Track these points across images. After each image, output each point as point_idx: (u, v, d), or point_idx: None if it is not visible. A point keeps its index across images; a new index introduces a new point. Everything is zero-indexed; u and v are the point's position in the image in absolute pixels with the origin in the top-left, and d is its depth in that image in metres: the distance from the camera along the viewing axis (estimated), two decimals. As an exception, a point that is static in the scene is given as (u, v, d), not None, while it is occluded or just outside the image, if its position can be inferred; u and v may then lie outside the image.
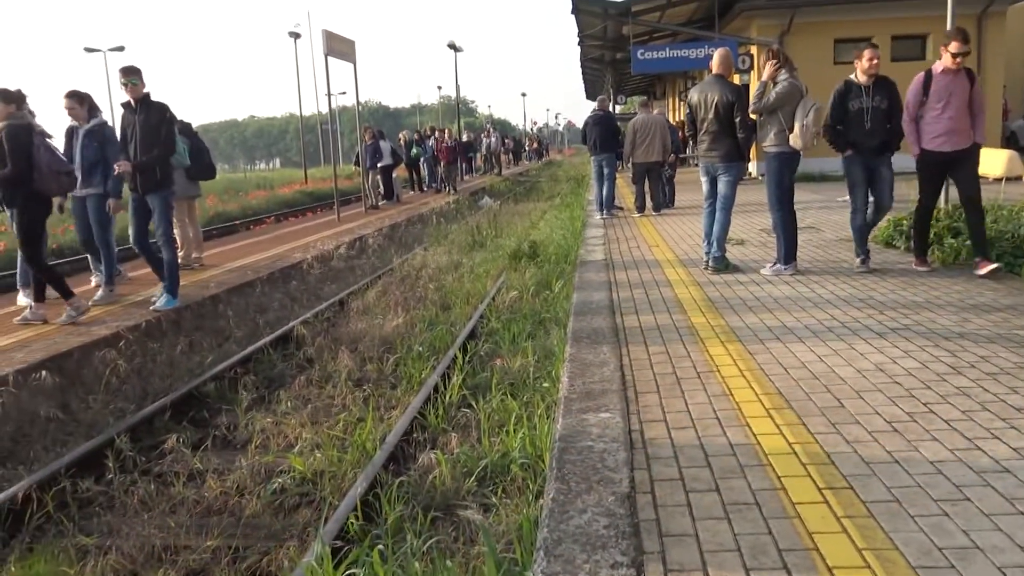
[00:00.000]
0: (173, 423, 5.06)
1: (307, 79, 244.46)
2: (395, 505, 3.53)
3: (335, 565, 3.00)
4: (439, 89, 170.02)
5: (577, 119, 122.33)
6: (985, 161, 7.51)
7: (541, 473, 3.60)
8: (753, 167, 18.42)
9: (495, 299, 7.74)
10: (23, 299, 7.20)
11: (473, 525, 3.38)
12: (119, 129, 7.11)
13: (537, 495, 3.43)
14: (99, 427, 5.10)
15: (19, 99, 6.30)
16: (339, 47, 14.96)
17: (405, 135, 23.39)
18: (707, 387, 3.90)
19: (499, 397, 4.80)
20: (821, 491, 2.71)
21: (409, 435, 4.52)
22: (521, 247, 9.73)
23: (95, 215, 7.38)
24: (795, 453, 3.04)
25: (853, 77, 6.68)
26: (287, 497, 3.98)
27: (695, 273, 7.06)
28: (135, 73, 6.79)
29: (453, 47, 36.21)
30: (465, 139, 31.36)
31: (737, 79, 17.55)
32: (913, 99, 6.34)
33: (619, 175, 17.49)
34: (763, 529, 2.47)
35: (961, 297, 5.62)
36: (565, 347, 4.87)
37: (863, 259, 6.82)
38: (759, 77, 7.05)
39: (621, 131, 14.85)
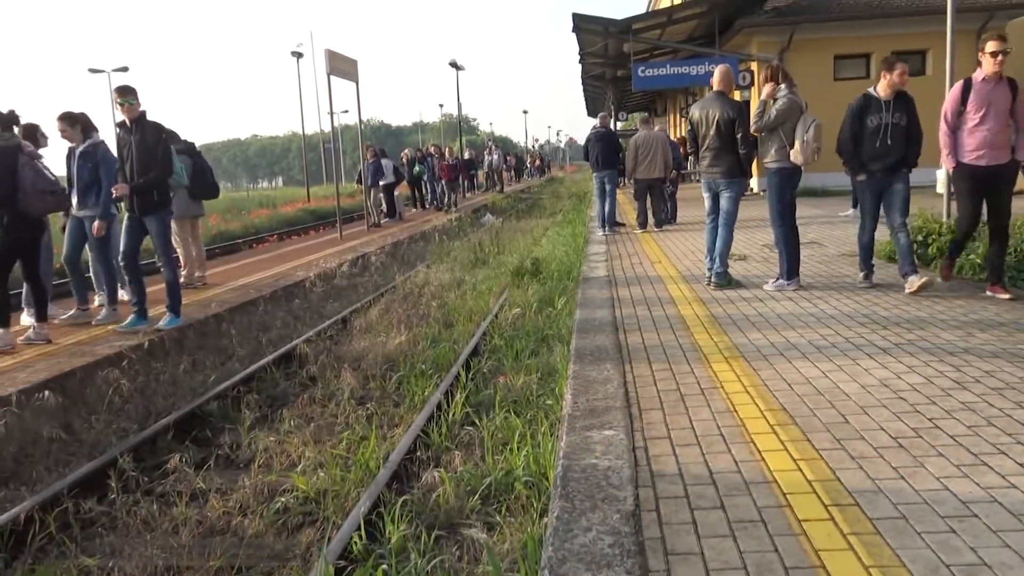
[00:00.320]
0: (176, 442, 5.04)
1: (310, 98, 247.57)
2: (398, 524, 3.51)
3: (338, 585, 2.98)
4: (441, 107, 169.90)
5: (579, 136, 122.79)
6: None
7: (545, 491, 3.59)
8: (755, 183, 18.47)
9: (498, 316, 7.74)
10: (27, 319, 7.22)
11: (477, 544, 3.37)
12: (115, 149, 7.00)
13: (541, 513, 3.41)
14: (102, 447, 5.09)
15: (8, 121, 6.32)
16: (341, 66, 15.08)
17: (408, 153, 23.49)
18: (711, 404, 3.89)
19: (502, 415, 4.79)
20: (827, 508, 2.70)
21: (412, 453, 4.50)
22: (523, 264, 9.74)
23: (92, 239, 7.34)
24: (800, 470, 3.03)
25: (873, 91, 6.44)
26: (290, 516, 3.96)
27: (698, 289, 7.06)
28: (131, 93, 6.72)
29: (455, 65, 36.38)
30: (467, 156, 31.49)
31: (738, 95, 17.65)
32: (951, 108, 6.01)
33: (621, 191, 17.56)
34: (769, 547, 2.46)
35: (964, 312, 5.61)
36: (568, 364, 4.86)
37: (866, 274, 6.81)
38: (759, 94, 7.07)
39: (622, 148, 14.92)
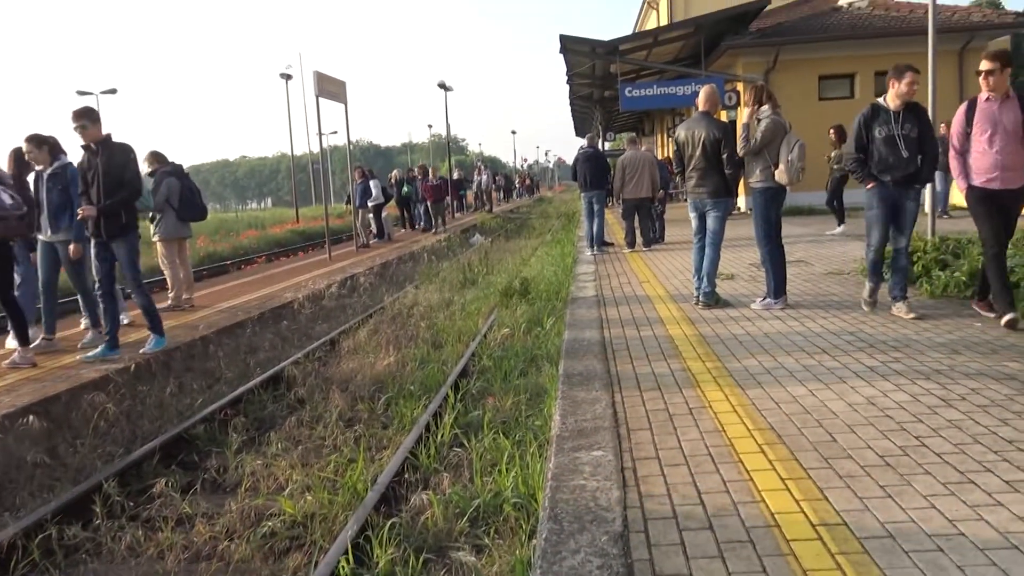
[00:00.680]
0: (162, 466, 4.99)
1: (298, 119, 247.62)
2: (386, 547, 3.49)
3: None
4: (430, 127, 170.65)
5: (567, 156, 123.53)
6: None
7: (534, 512, 3.57)
8: (741, 201, 18.60)
9: (487, 336, 7.73)
10: (11, 343, 7.14)
11: (466, 567, 3.35)
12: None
13: (530, 535, 3.40)
14: (87, 471, 5.04)
15: None
16: (330, 88, 15.15)
17: (397, 173, 23.48)
18: (699, 423, 3.89)
19: (491, 436, 4.78)
20: (815, 527, 2.70)
21: (400, 475, 4.48)
22: (512, 284, 9.75)
23: (67, 264, 7.18)
24: (788, 489, 3.03)
25: (882, 101, 6.14)
26: (277, 541, 3.93)
27: (686, 308, 7.08)
28: (84, 116, 6.40)
29: (443, 86, 36.53)
30: (456, 176, 31.52)
31: (724, 115, 17.81)
32: (957, 131, 5.78)
33: (609, 211, 17.63)
34: (757, 567, 2.45)
35: (950, 329, 5.65)
36: (557, 385, 4.86)
37: (872, 290, 6.48)
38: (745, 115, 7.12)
39: (610, 168, 15.01)
